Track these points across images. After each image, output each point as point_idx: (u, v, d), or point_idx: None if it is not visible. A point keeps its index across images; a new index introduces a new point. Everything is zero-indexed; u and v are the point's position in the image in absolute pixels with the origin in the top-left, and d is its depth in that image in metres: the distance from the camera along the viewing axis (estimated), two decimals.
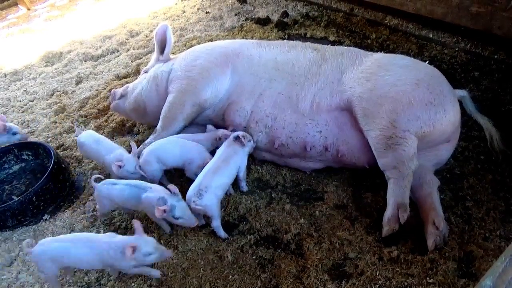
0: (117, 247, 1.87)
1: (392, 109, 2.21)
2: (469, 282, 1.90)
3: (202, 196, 2.14)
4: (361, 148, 2.39)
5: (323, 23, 4.45)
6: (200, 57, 2.78)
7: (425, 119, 2.18)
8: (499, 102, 2.99)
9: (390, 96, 2.24)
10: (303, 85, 2.53)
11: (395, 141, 2.17)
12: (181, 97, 2.68)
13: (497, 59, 3.45)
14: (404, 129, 2.17)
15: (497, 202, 2.30)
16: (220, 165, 2.29)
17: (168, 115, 2.71)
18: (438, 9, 3.79)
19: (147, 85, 2.91)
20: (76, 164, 2.96)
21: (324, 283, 1.95)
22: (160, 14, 5.32)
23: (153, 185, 2.22)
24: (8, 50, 4.90)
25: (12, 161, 2.92)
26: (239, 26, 4.63)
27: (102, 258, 1.91)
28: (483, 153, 2.60)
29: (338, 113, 2.44)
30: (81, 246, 1.92)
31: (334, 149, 2.45)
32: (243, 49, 2.77)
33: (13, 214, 2.45)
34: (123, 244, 1.87)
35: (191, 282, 2.04)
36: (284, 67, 2.62)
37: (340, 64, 2.54)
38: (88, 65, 4.26)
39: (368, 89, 2.32)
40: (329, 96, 2.46)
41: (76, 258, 1.93)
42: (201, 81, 2.66)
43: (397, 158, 2.17)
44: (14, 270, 2.25)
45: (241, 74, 2.68)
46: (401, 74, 2.32)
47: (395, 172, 2.19)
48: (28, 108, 3.69)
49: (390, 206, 2.16)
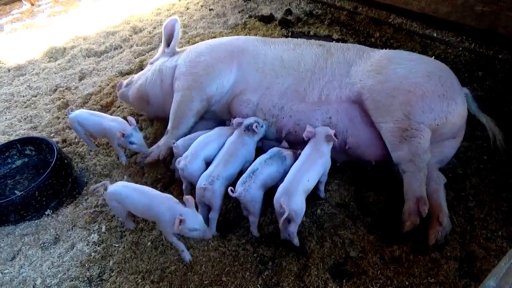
0: (173, 213, 1.95)
1: (406, 101, 2.20)
2: (471, 282, 1.90)
3: (213, 183, 2.15)
4: (370, 143, 2.38)
5: (326, 21, 4.43)
6: (204, 54, 2.79)
7: (439, 111, 2.18)
8: (503, 101, 2.98)
9: (403, 88, 2.24)
10: (310, 80, 2.53)
11: (411, 134, 2.16)
12: (188, 94, 2.69)
13: (502, 58, 3.43)
14: (419, 121, 2.17)
15: (499, 203, 2.29)
16: (230, 157, 2.29)
17: (177, 114, 2.71)
18: (443, 8, 3.77)
19: (151, 77, 2.96)
20: (79, 160, 2.96)
21: (325, 281, 1.95)
22: (163, 11, 5.32)
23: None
24: (11, 45, 4.91)
25: (15, 156, 2.93)
26: (243, 23, 4.62)
27: (156, 214, 2.04)
28: (486, 153, 2.60)
29: (349, 105, 2.42)
30: (143, 197, 2.09)
31: (342, 139, 2.43)
32: (248, 46, 2.79)
33: (15, 209, 2.45)
34: (176, 212, 1.94)
35: (192, 278, 2.04)
36: (290, 64, 2.63)
37: (347, 57, 2.54)
38: (91, 61, 4.27)
39: (379, 82, 2.31)
40: (338, 88, 2.46)
41: (134, 205, 2.13)
42: (206, 77, 2.67)
43: (412, 151, 2.15)
44: (17, 264, 2.26)
45: (247, 70, 2.68)
46: (412, 67, 2.32)
47: (411, 165, 2.17)
48: (31, 103, 3.69)
49: (409, 200, 2.13)
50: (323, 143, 2.25)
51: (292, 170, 2.15)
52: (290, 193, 2.02)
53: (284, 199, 1.99)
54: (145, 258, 2.18)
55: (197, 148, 2.38)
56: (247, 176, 2.16)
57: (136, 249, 2.24)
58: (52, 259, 2.26)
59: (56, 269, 2.19)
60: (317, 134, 2.28)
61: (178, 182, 2.61)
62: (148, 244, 2.25)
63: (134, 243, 2.27)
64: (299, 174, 2.11)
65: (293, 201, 1.99)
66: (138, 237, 2.30)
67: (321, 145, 2.25)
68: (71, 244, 2.33)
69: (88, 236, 2.37)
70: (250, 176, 2.15)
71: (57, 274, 2.17)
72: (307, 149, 2.25)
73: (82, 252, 2.27)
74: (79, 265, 2.20)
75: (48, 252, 2.31)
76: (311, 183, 2.15)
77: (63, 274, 2.16)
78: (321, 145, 2.25)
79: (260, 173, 2.17)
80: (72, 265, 2.20)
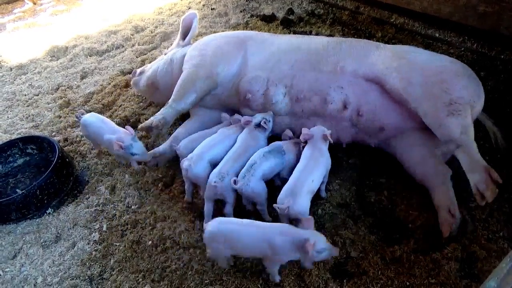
0: (294, 240, 1.79)
1: (441, 79, 2.22)
2: (472, 283, 1.89)
3: (223, 179, 2.17)
4: (385, 110, 2.41)
5: (328, 21, 4.43)
6: (214, 39, 2.94)
7: (472, 90, 2.22)
8: (505, 102, 2.97)
9: (433, 69, 2.28)
10: (322, 55, 2.57)
11: (456, 108, 2.14)
12: (194, 70, 2.74)
13: (504, 59, 3.42)
14: (459, 96, 2.17)
15: (501, 204, 2.28)
16: (242, 153, 2.32)
17: (180, 88, 2.73)
18: (445, 8, 3.76)
19: (163, 66, 3.09)
20: (80, 159, 2.97)
21: (326, 282, 1.95)
22: (165, 10, 5.31)
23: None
24: (13, 44, 4.91)
25: (17, 154, 2.93)
26: (244, 22, 4.62)
27: (270, 246, 1.82)
28: (487, 153, 2.58)
29: (364, 81, 2.46)
30: (252, 230, 1.88)
31: (354, 109, 2.45)
32: (257, 35, 2.91)
33: (17, 208, 2.46)
34: (300, 237, 1.78)
35: (193, 277, 2.04)
36: (300, 44, 2.69)
37: (361, 46, 2.59)
38: (93, 60, 4.27)
39: (406, 63, 2.35)
40: (354, 64, 2.48)
41: (244, 243, 1.88)
42: (214, 57, 2.76)
43: (463, 123, 2.12)
44: (18, 263, 2.27)
45: (255, 52, 2.76)
46: (431, 55, 2.43)
47: (464, 138, 2.10)
48: (33, 102, 3.70)
49: (479, 172, 1.96)
50: (321, 142, 2.28)
51: (295, 172, 2.16)
52: (294, 194, 2.03)
53: (288, 201, 1.99)
54: (146, 257, 2.18)
55: (202, 149, 2.39)
56: (246, 170, 2.19)
57: (137, 248, 2.24)
58: (53, 257, 2.26)
59: (57, 268, 2.20)
60: (314, 135, 2.30)
61: (179, 181, 2.62)
62: (148, 243, 2.25)
63: (135, 242, 2.27)
64: (303, 175, 2.12)
65: (298, 203, 2.01)
66: (139, 236, 2.30)
67: (319, 144, 2.27)
68: (72, 242, 2.34)
69: (89, 234, 2.37)
70: (249, 170, 2.19)
71: (58, 272, 2.17)
72: (308, 150, 2.26)
73: (83, 250, 2.27)
74: (80, 264, 2.20)
75: (49, 251, 2.31)
76: (315, 183, 2.15)
77: (64, 272, 2.17)
78: (320, 144, 2.27)
79: (258, 166, 2.21)
80: (73, 264, 2.20)
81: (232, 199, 2.23)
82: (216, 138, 2.49)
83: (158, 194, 2.57)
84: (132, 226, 2.38)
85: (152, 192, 2.59)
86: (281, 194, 2.07)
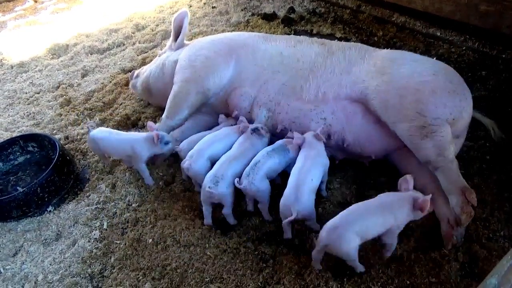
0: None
1: (416, 99, 2.17)
2: (472, 282, 1.89)
3: (218, 184, 2.16)
4: (370, 139, 2.37)
5: (329, 19, 4.42)
6: (204, 48, 2.82)
7: (452, 106, 2.15)
8: (507, 101, 2.96)
9: (411, 87, 2.21)
10: (308, 78, 2.52)
11: (430, 130, 2.11)
12: (185, 86, 2.71)
13: (505, 58, 3.41)
14: (435, 117, 2.12)
15: (501, 203, 2.28)
16: (237, 155, 2.31)
17: (173, 104, 2.74)
18: (446, 7, 3.75)
19: (155, 70, 3.08)
20: (81, 157, 2.97)
21: (326, 280, 1.95)
22: (166, 8, 5.31)
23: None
24: (14, 42, 4.92)
25: (18, 152, 2.94)
26: (245, 21, 4.61)
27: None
28: (488, 153, 2.58)
29: (348, 103, 2.41)
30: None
31: (339, 138, 2.42)
32: (248, 41, 2.80)
33: (17, 205, 2.46)
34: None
35: (193, 275, 2.04)
36: (289, 61, 2.62)
37: (348, 57, 2.53)
38: (94, 58, 4.27)
39: (385, 82, 2.29)
40: (337, 87, 2.44)
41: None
42: (204, 70, 2.69)
43: (437, 145, 2.10)
44: (18, 260, 2.27)
45: (245, 65, 2.69)
46: (416, 67, 2.30)
47: (441, 160, 2.09)
48: (34, 100, 3.70)
49: (455, 194, 2.00)
50: (316, 143, 2.29)
51: (293, 174, 2.17)
52: (296, 195, 2.04)
53: (291, 202, 2.02)
54: (146, 255, 2.18)
55: (202, 146, 2.39)
56: (250, 169, 2.20)
57: (137, 245, 2.24)
58: (54, 255, 2.26)
59: (57, 265, 2.20)
60: (307, 138, 2.32)
61: (180, 180, 2.62)
62: (149, 241, 2.25)
63: (135, 240, 2.27)
64: (302, 176, 2.13)
65: (301, 203, 2.02)
66: (140, 234, 2.30)
67: (315, 145, 2.28)
68: (72, 240, 2.34)
69: (89, 232, 2.37)
70: (253, 169, 2.19)
71: (58, 270, 2.18)
72: (303, 152, 2.28)
73: (84, 248, 2.27)
74: (81, 262, 2.20)
75: (50, 249, 2.32)
76: (315, 181, 2.16)
77: (64, 270, 2.17)
78: (315, 145, 2.28)
79: (262, 165, 2.21)
80: (73, 262, 2.21)
81: (229, 202, 2.22)
82: (217, 135, 2.49)
83: (159, 192, 2.58)
84: (133, 224, 2.38)
85: (153, 190, 2.59)
86: (283, 197, 2.08)
